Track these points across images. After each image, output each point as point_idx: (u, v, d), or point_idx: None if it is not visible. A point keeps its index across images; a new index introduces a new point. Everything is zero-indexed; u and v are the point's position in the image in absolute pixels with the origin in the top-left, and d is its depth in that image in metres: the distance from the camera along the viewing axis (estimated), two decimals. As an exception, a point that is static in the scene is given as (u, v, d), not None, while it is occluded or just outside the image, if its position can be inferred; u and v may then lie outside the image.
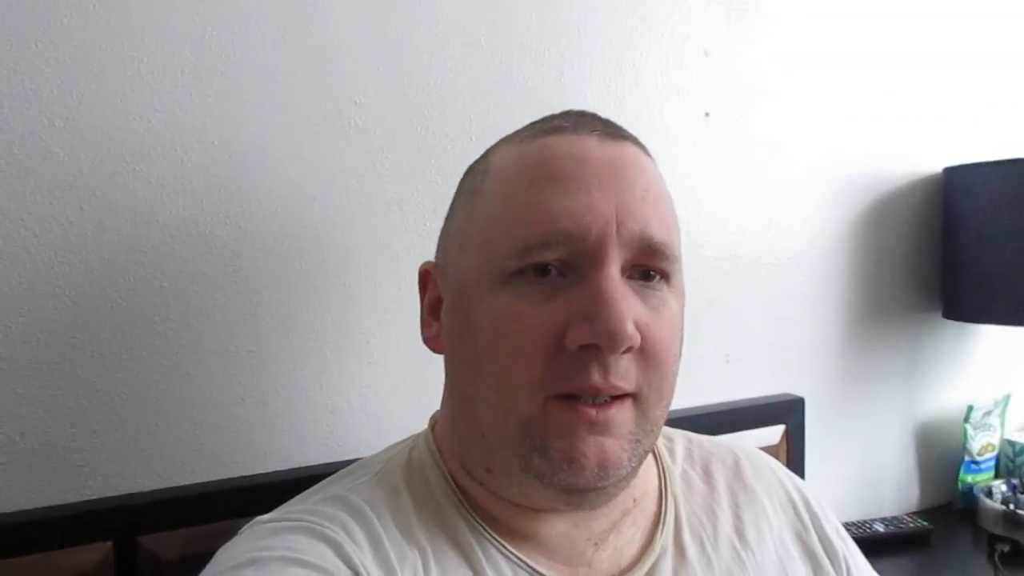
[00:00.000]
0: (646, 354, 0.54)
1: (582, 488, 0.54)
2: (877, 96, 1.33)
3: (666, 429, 0.74)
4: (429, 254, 0.69)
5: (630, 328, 0.52)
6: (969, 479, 1.40)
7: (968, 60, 1.43)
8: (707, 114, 1.16)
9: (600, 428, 0.53)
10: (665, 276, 0.57)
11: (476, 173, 0.63)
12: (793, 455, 1.19)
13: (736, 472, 0.70)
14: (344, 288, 0.91)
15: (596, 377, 0.52)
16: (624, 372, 0.53)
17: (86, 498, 0.80)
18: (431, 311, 0.65)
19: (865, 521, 1.31)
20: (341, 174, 0.91)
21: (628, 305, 0.53)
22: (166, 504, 0.80)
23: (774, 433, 1.18)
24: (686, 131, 1.15)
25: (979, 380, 1.49)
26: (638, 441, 0.55)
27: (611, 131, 0.60)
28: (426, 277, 0.67)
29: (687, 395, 1.14)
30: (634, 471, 0.56)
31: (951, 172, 1.36)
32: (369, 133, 0.92)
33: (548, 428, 0.53)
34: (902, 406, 1.42)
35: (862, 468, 1.38)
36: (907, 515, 1.35)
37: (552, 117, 0.62)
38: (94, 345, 0.80)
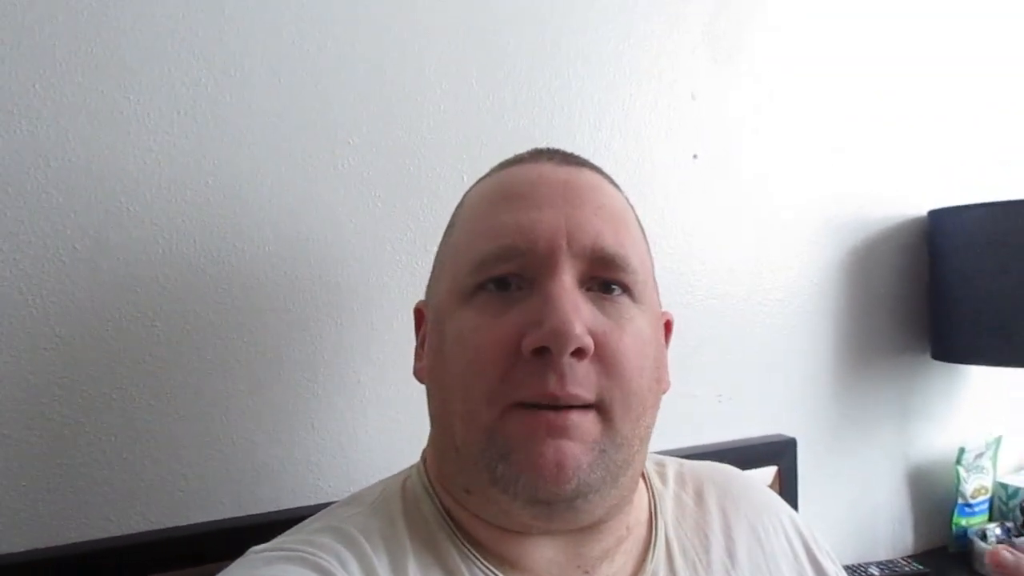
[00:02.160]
0: (605, 363, 0.54)
1: (544, 497, 0.53)
2: (862, 141, 1.36)
3: (658, 456, 0.74)
4: (421, 293, 0.70)
5: (578, 328, 0.52)
6: (963, 522, 1.40)
7: (949, 106, 1.46)
8: (695, 156, 1.18)
9: (559, 431, 0.53)
10: (627, 290, 0.58)
11: (454, 211, 0.67)
12: (786, 496, 1.17)
13: (728, 494, 0.70)
14: (336, 327, 0.91)
15: (552, 383, 0.52)
16: (582, 379, 0.53)
17: (71, 541, 0.78)
18: (422, 345, 0.67)
19: (860, 565, 1.30)
20: (334, 214, 0.91)
21: (576, 307, 0.54)
22: (153, 547, 0.79)
23: (767, 474, 1.18)
24: (675, 172, 1.17)
25: (970, 421, 1.49)
26: (603, 451, 0.54)
27: (569, 159, 0.64)
28: (418, 315, 0.69)
29: (680, 435, 1.14)
30: (602, 484, 0.55)
31: (935, 215, 1.38)
32: (362, 174, 0.93)
33: (509, 435, 0.54)
34: (894, 448, 1.42)
35: (855, 510, 1.37)
36: (903, 558, 1.34)
37: (519, 154, 0.66)
38: (84, 386, 0.79)
